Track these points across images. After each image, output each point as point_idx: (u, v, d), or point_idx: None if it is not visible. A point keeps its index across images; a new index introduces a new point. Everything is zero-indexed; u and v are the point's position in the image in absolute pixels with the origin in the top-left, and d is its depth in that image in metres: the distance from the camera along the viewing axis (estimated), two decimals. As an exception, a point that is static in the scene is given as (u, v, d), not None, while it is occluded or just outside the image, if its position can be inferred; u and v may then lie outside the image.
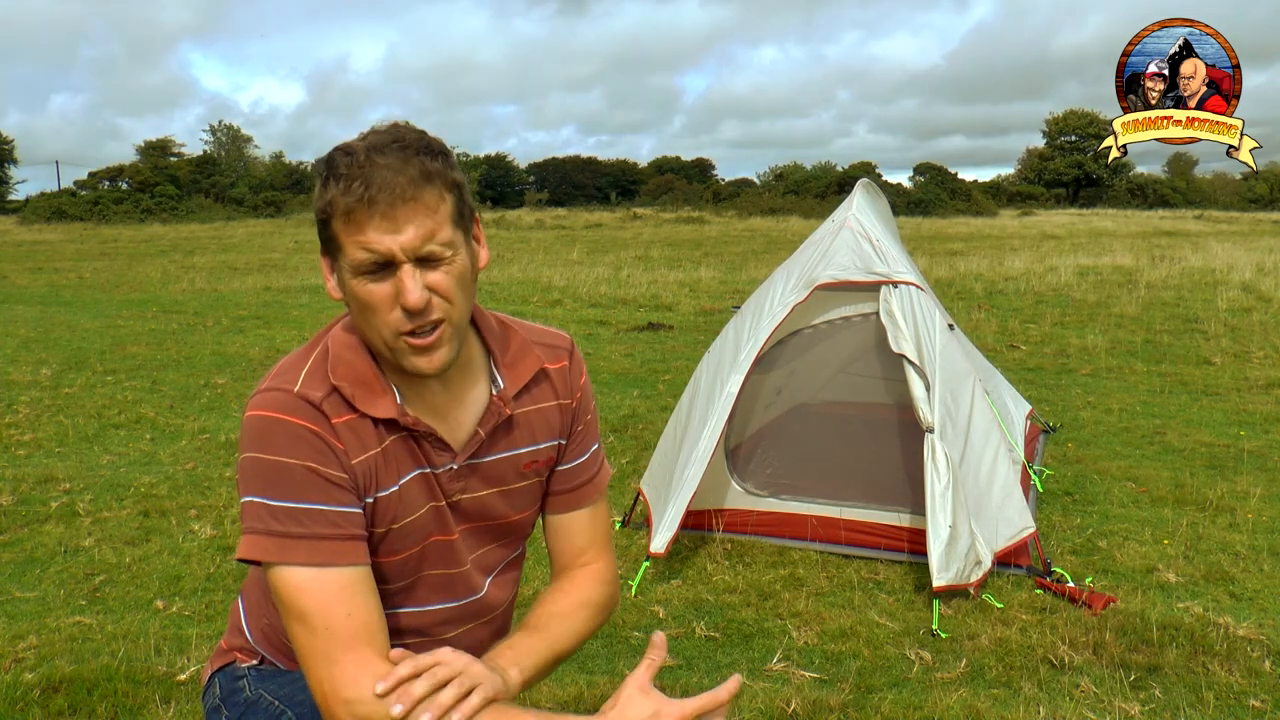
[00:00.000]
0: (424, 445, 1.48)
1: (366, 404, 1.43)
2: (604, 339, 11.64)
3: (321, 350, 1.48)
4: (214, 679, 1.68)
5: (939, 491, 4.16)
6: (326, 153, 1.38)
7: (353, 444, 1.42)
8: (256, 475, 1.38)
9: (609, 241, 29.91)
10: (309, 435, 1.39)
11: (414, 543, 1.51)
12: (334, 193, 1.34)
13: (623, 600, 4.24)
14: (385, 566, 1.49)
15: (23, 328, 12.26)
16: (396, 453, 1.46)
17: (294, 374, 1.44)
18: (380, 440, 1.45)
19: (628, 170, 77.01)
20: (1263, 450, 6.51)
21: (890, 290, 4.57)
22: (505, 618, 1.73)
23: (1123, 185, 69.12)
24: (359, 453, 1.43)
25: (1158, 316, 12.80)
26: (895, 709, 3.28)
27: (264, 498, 1.38)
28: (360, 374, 1.45)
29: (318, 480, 1.38)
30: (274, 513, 1.37)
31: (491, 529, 1.61)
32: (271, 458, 1.38)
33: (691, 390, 5.15)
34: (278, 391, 1.41)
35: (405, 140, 1.36)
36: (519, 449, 1.58)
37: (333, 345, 1.47)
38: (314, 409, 1.40)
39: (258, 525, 1.38)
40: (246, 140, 70.39)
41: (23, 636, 3.79)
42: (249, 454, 1.39)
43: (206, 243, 30.55)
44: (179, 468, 6.19)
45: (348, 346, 1.47)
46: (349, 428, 1.42)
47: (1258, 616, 4.03)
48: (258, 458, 1.38)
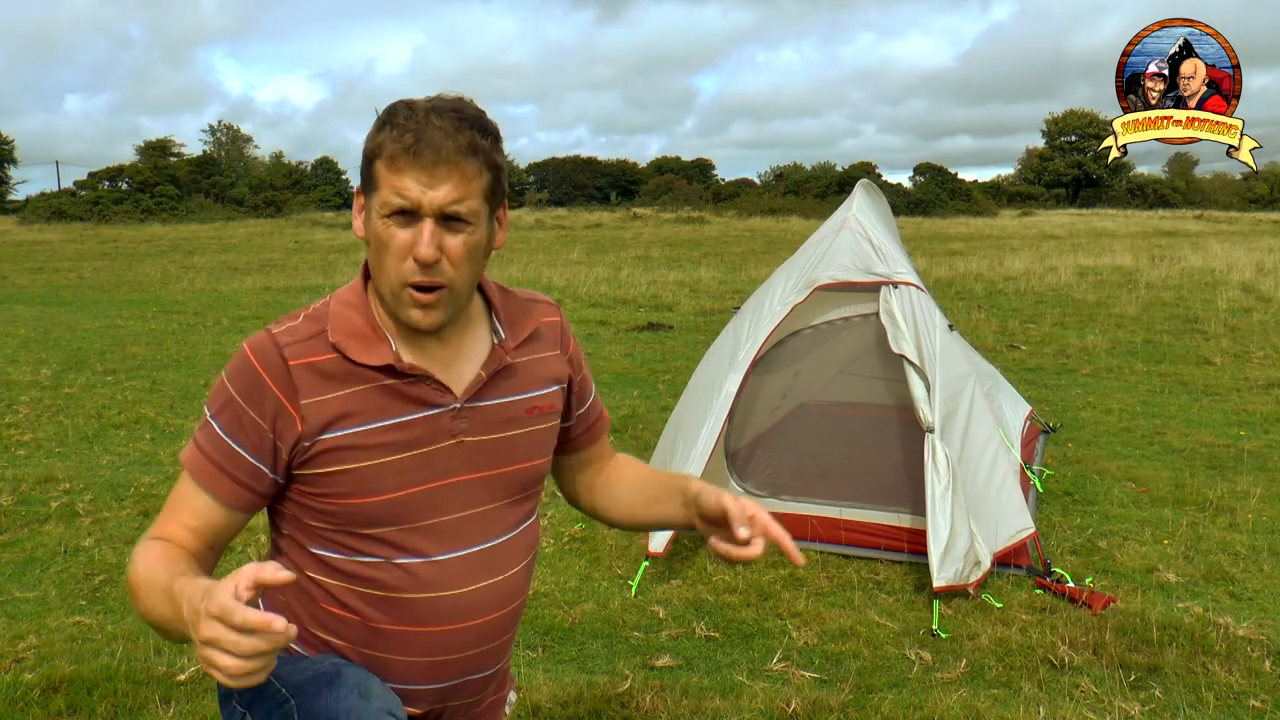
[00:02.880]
0: (421, 387, 1.56)
1: (360, 353, 1.53)
2: (604, 339, 11.64)
3: (323, 303, 1.60)
4: None
5: (939, 492, 4.17)
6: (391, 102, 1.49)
7: (314, 384, 1.52)
8: (213, 391, 1.56)
9: (609, 241, 29.91)
10: (254, 377, 1.51)
11: (403, 484, 1.55)
12: (385, 136, 1.45)
13: (623, 600, 4.24)
14: (368, 507, 1.55)
15: (23, 328, 12.26)
16: (376, 396, 1.54)
17: (288, 320, 1.57)
18: (352, 384, 1.53)
19: (628, 170, 76.97)
20: (1263, 450, 6.51)
21: (890, 290, 4.57)
22: (525, 577, 1.73)
23: (1123, 185, 69.10)
24: (323, 392, 1.52)
25: (1158, 316, 12.80)
26: (895, 709, 3.28)
27: (208, 410, 1.55)
28: (356, 327, 1.55)
29: (234, 417, 1.51)
30: (204, 425, 1.55)
31: (504, 478, 1.64)
32: (224, 382, 1.54)
33: (690, 391, 5.15)
34: (264, 332, 1.55)
35: (464, 113, 1.48)
36: (523, 394, 1.66)
37: (335, 304, 1.58)
38: (274, 351, 1.51)
39: (195, 431, 1.57)
40: (246, 140, 70.47)
41: (23, 636, 3.79)
42: (222, 373, 1.56)
43: (206, 243, 30.56)
44: (179, 468, 6.19)
45: (347, 304, 1.58)
46: (312, 369, 1.52)
47: (1258, 616, 4.03)
48: (220, 379, 1.56)
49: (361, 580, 1.57)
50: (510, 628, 1.71)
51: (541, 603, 4.21)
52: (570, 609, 4.16)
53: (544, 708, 3.25)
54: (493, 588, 1.64)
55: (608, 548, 4.80)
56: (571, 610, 4.14)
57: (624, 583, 4.41)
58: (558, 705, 3.26)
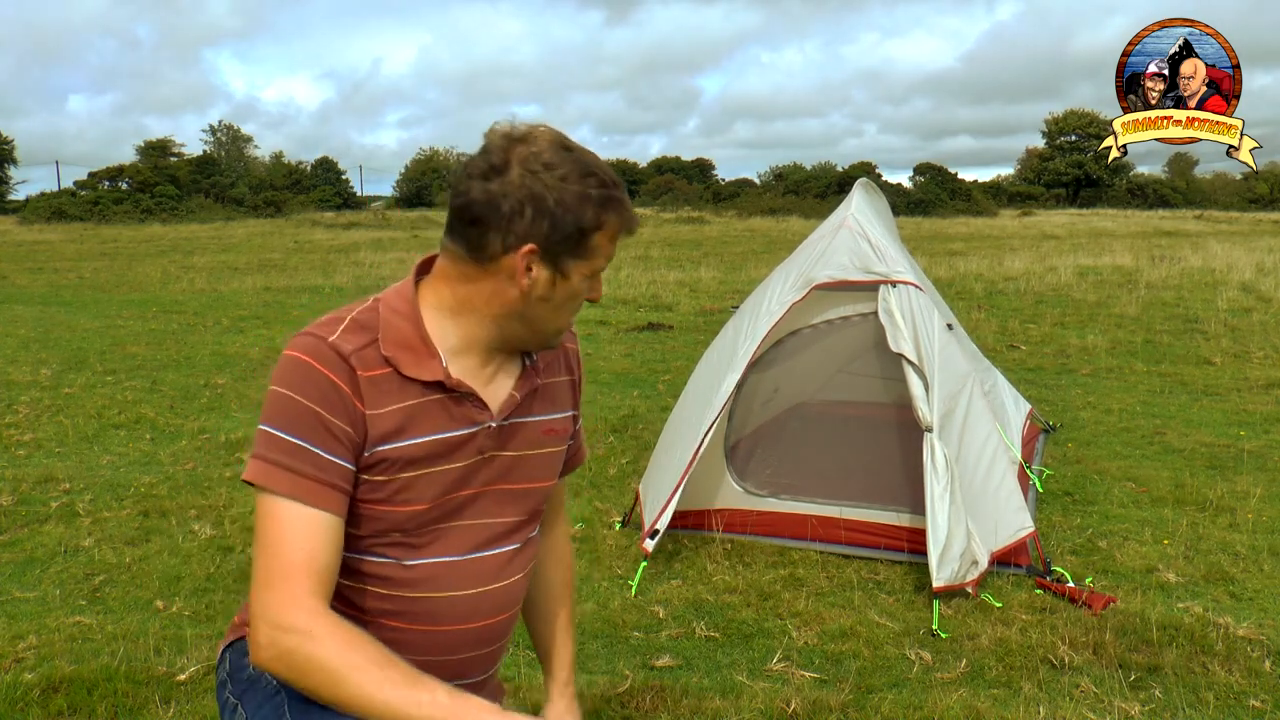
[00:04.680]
0: (465, 405, 1.59)
1: (413, 368, 1.54)
2: (604, 339, 11.64)
3: (370, 308, 1.58)
4: (225, 654, 1.73)
5: (937, 492, 4.17)
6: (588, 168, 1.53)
7: (376, 397, 1.52)
8: (272, 407, 1.50)
9: (609, 241, 29.88)
10: (326, 383, 1.49)
11: (436, 495, 1.59)
12: (612, 216, 1.55)
13: (623, 600, 4.24)
14: (403, 515, 1.57)
15: (23, 328, 12.26)
16: (428, 411, 1.56)
17: (334, 326, 1.54)
18: (408, 398, 1.54)
19: (628, 170, 76.86)
20: (1263, 450, 6.51)
21: (889, 290, 4.57)
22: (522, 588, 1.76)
23: (1123, 185, 69.05)
24: (383, 404, 1.52)
25: (1158, 316, 12.80)
26: (895, 709, 3.28)
27: (272, 427, 1.49)
28: (408, 339, 1.56)
29: (318, 425, 1.48)
30: (274, 442, 1.48)
31: (515, 495, 1.69)
32: (286, 393, 1.49)
33: (688, 391, 5.16)
34: (313, 338, 1.52)
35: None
36: (544, 415, 1.73)
37: (384, 311, 1.57)
38: (341, 360, 1.50)
39: (260, 451, 1.49)
40: (246, 140, 70.47)
41: (23, 636, 3.79)
42: (273, 387, 1.51)
43: (206, 243, 30.55)
44: (179, 468, 6.19)
45: (398, 313, 1.57)
46: (374, 382, 1.52)
47: (1258, 616, 4.03)
48: (277, 391, 1.50)
49: (366, 577, 1.59)
50: (504, 635, 1.75)
51: (541, 603, 4.21)
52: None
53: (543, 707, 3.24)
54: (492, 593, 1.67)
55: (608, 548, 4.80)
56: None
57: (624, 583, 4.41)
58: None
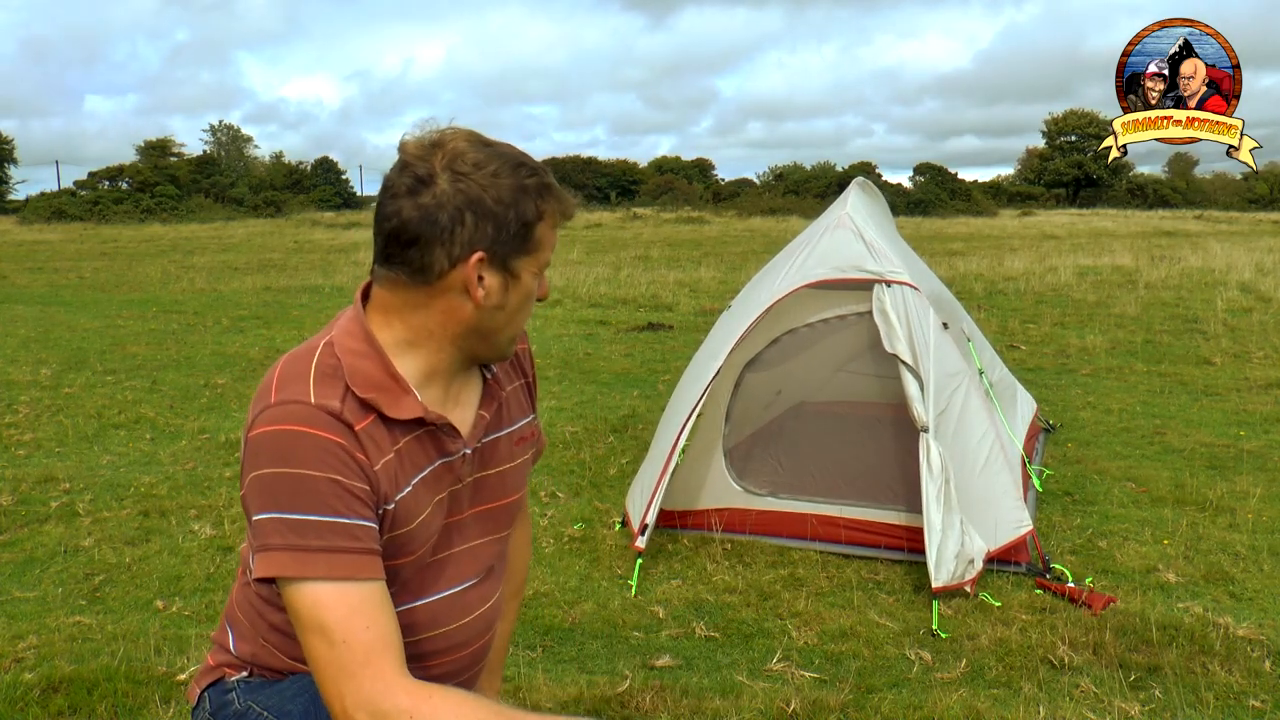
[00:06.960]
0: (440, 437, 1.50)
1: (391, 408, 1.43)
2: (604, 339, 11.64)
3: (325, 354, 1.44)
4: (204, 696, 1.67)
5: (932, 494, 4.17)
6: (516, 159, 1.45)
7: (374, 450, 1.41)
8: (276, 490, 1.35)
9: (609, 241, 29.91)
10: (334, 448, 1.36)
11: (429, 536, 1.52)
12: (550, 205, 1.48)
13: (623, 600, 4.24)
14: (405, 564, 1.50)
15: (23, 328, 12.26)
16: (411, 451, 1.47)
17: (303, 384, 1.40)
18: (395, 442, 1.45)
19: (628, 170, 76.89)
20: (1263, 450, 6.51)
21: (884, 289, 4.56)
22: (500, 605, 1.74)
23: (1123, 185, 69.00)
24: (380, 457, 1.42)
25: (1157, 317, 12.80)
26: (895, 709, 3.28)
27: (283, 513, 1.35)
28: (377, 379, 1.43)
29: (341, 493, 1.36)
30: (293, 527, 1.34)
31: (493, 513, 1.65)
32: (295, 471, 1.35)
33: (678, 390, 5.17)
34: (294, 404, 1.37)
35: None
36: (511, 426, 1.66)
37: (342, 353, 1.44)
38: (336, 420, 1.38)
39: (276, 541, 1.35)
40: (246, 140, 70.46)
41: (23, 636, 3.79)
42: (268, 470, 1.35)
43: (206, 243, 30.54)
44: (179, 468, 6.19)
45: (357, 353, 1.44)
46: (368, 434, 1.41)
47: (1258, 616, 4.03)
48: (279, 473, 1.35)
49: None
50: (485, 655, 1.71)
51: (541, 603, 4.21)
52: (570, 609, 4.16)
53: (543, 708, 3.24)
54: (484, 615, 1.65)
55: (608, 548, 4.80)
56: (571, 610, 4.14)
57: (624, 583, 4.41)
58: (557, 705, 3.26)
